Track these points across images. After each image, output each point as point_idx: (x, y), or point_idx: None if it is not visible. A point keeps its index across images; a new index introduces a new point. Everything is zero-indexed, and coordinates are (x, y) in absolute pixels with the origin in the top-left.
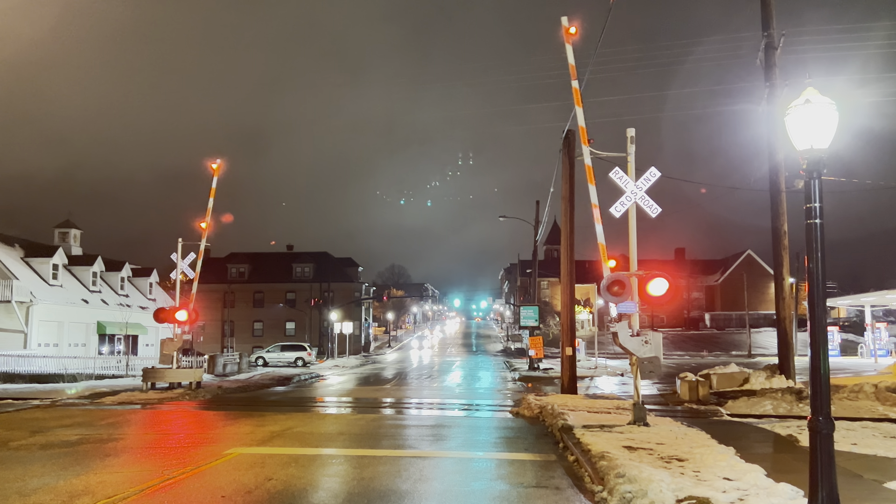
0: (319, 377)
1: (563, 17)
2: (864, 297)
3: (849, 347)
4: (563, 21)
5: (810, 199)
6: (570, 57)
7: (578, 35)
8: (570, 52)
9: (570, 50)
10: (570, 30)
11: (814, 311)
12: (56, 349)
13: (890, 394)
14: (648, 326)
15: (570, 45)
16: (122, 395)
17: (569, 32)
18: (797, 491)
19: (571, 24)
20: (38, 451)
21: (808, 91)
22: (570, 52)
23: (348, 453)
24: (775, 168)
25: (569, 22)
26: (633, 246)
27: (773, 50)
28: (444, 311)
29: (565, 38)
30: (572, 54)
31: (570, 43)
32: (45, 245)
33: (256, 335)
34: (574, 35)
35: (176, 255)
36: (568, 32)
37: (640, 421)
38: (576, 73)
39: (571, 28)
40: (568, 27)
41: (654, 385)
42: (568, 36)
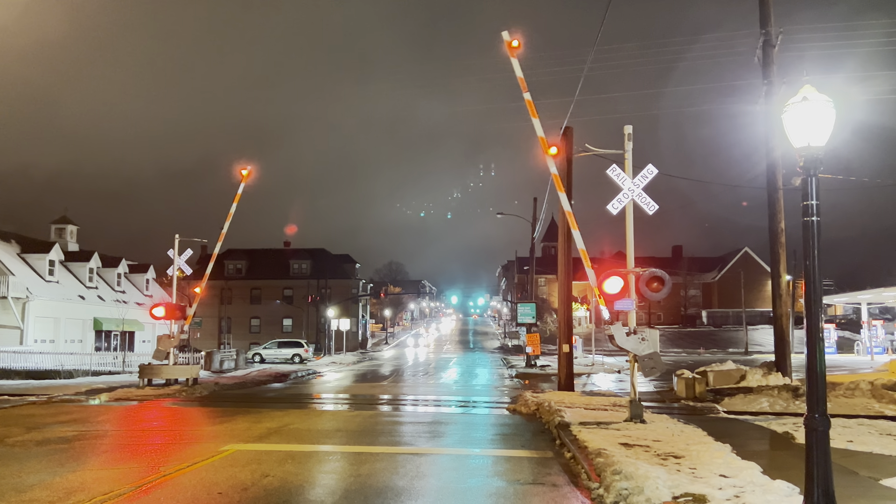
0: (316, 374)
1: (504, 32)
2: (861, 294)
3: (845, 345)
4: (504, 35)
5: (807, 196)
6: (518, 70)
7: (522, 48)
8: (517, 65)
9: (516, 64)
10: (512, 43)
11: (810, 309)
12: (52, 345)
13: (886, 391)
14: (645, 323)
15: (516, 59)
16: (118, 392)
17: (511, 46)
18: (793, 488)
19: (513, 37)
20: (35, 447)
21: (805, 88)
22: (517, 65)
23: (345, 450)
24: (773, 166)
25: (510, 35)
26: (630, 243)
27: (771, 47)
28: (442, 309)
29: (509, 53)
30: (519, 67)
31: (516, 56)
32: (42, 241)
33: (253, 332)
34: (518, 48)
35: (173, 251)
36: (511, 46)
37: (637, 418)
38: (526, 85)
39: (514, 42)
40: (510, 41)
41: (650, 382)
42: (511, 50)
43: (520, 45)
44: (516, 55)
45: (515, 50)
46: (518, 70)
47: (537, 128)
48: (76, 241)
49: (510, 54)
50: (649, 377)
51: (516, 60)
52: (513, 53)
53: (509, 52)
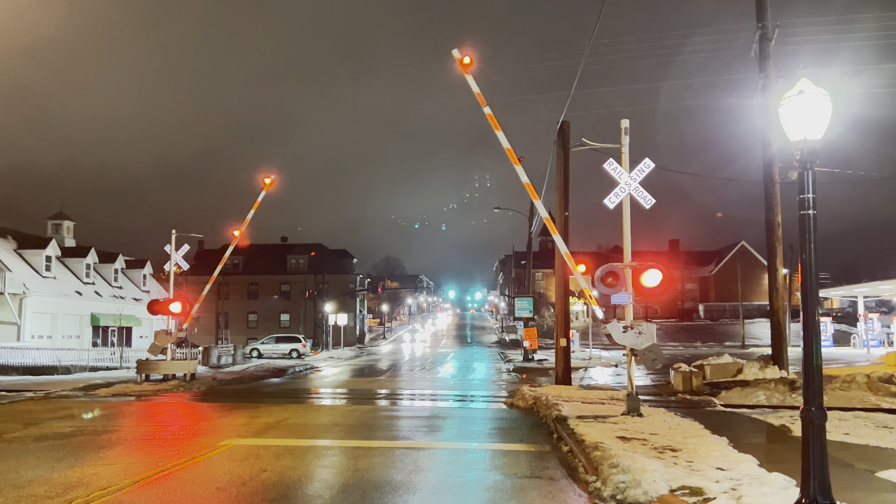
0: (314, 369)
1: (454, 50)
2: (857, 287)
3: (842, 338)
4: (455, 53)
5: (804, 189)
6: (474, 86)
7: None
8: (472, 81)
9: (471, 80)
10: (463, 60)
11: (806, 302)
12: (50, 341)
13: (882, 384)
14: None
15: (470, 75)
16: (116, 387)
17: (463, 63)
18: (789, 480)
19: (464, 54)
20: (32, 443)
21: (801, 82)
22: (472, 81)
23: (343, 444)
24: (769, 159)
25: (461, 53)
26: (626, 237)
27: (768, 41)
28: (439, 303)
29: (462, 70)
30: (475, 83)
31: (470, 73)
32: (39, 237)
33: (251, 327)
34: (470, 65)
35: (170, 246)
36: (463, 63)
37: (634, 411)
38: (484, 100)
39: (465, 58)
40: (461, 58)
41: (647, 376)
42: (464, 67)
43: (472, 61)
44: (470, 71)
45: (469, 66)
46: (474, 86)
47: (502, 140)
48: (73, 237)
49: (464, 71)
50: (652, 369)
51: (471, 77)
52: (466, 70)
53: (462, 70)
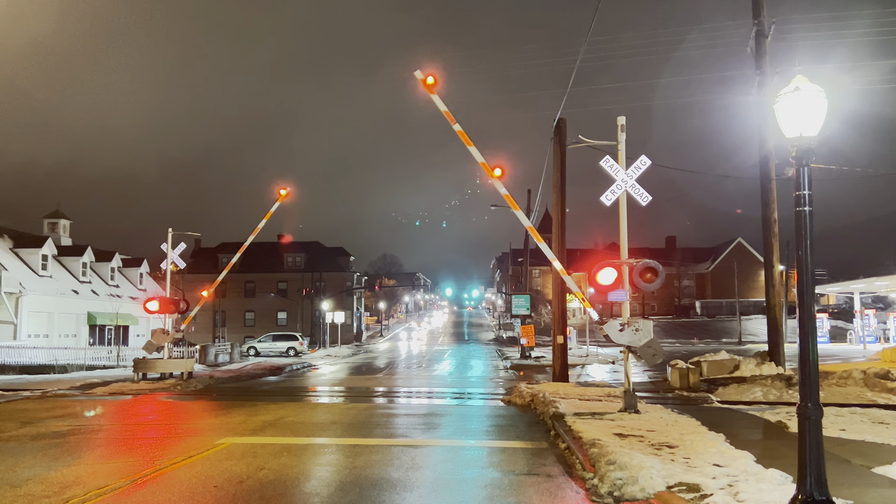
0: (311, 367)
1: (417, 72)
2: (854, 284)
3: (838, 334)
4: (417, 74)
5: (799, 186)
6: (441, 105)
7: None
8: (438, 101)
9: (437, 100)
10: (427, 80)
11: (802, 299)
12: (46, 340)
13: (878, 380)
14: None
15: (436, 95)
16: (113, 386)
17: (427, 83)
18: (786, 476)
19: (426, 74)
20: (29, 441)
21: (797, 79)
22: (438, 101)
23: (340, 442)
24: (765, 156)
25: (423, 73)
26: (623, 234)
27: (764, 38)
28: (436, 301)
29: (427, 90)
30: (441, 102)
31: (435, 93)
32: (35, 235)
33: (248, 325)
34: (435, 84)
35: (166, 244)
36: (426, 84)
37: (631, 408)
38: (453, 117)
39: (428, 79)
40: (424, 79)
41: (644, 373)
42: (428, 87)
43: (436, 80)
44: (435, 91)
45: (433, 87)
46: (441, 105)
47: (475, 155)
48: (69, 236)
49: (429, 91)
50: (652, 364)
51: (436, 96)
52: (431, 90)
53: (427, 90)
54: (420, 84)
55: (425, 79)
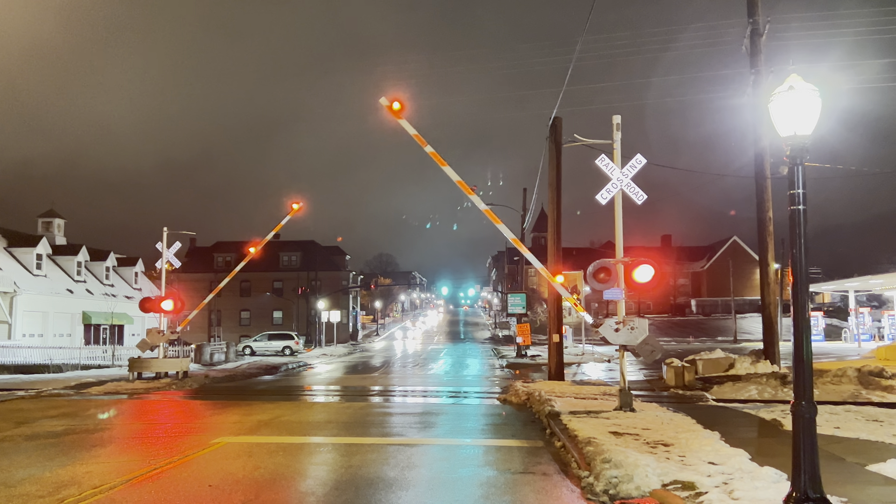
0: (307, 366)
1: (382, 98)
2: (848, 282)
3: (833, 332)
4: (382, 101)
5: (794, 185)
6: (410, 129)
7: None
8: (407, 125)
9: (405, 124)
10: (393, 106)
11: (797, 297)
12: (41, 340)
13: (873, 378)
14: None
15: (403, 119)
16: (108, 385)
17: (393, 110)
18: (780, 474)
19: (391, 100)
20: (24, 441)
21: (791, 78)
22: (407, 125)
23: (336, 441)
24: (760, 155)
25: (388, 100)
26: (619, 233)
27: (759, 37)
28: (432, 300)
29: (395, 116)
30: (409, 126)
31: (402, 117)
32: (29, 235)
33: (244, 324)
34: (402, 109)
35: (161, 244)
36: (392, 110)
37: (627, 406)
38: (423, 140)
39: (394, 104)
40: (390, 105)
41: (640, 371)
42: (395, 113)
43: (402, 105)
44: (402, 116)
45: (400, 111)
46: (410, 129)
47: (451, 174)
48: (63, 235)
49: (396, 117)
50: (651, 360)
51: (405, 121)
52: (398, 115)
53: (394, 116)
54: (386, 111)
55: (391, 105)
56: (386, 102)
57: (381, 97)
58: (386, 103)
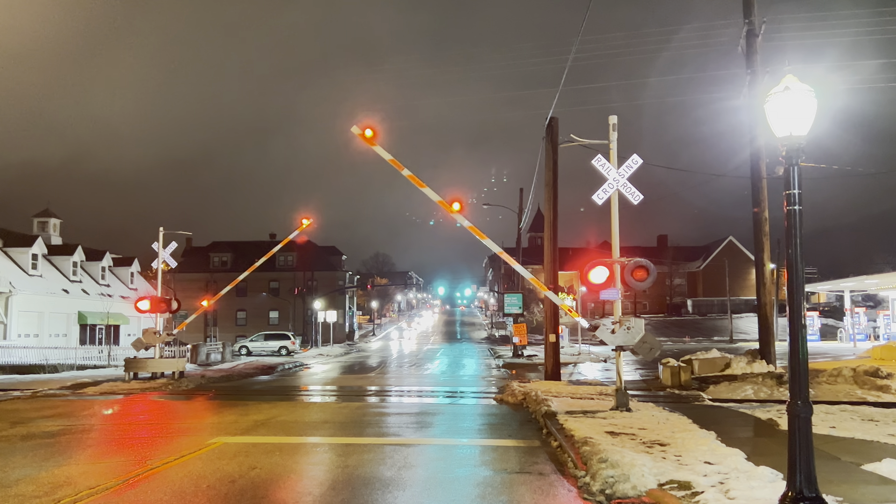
0: (303, 366)
1: (353, 127)
2: (844, 282)
3: (828, 332)
4: (354, 130)
5: (790, 185)
6: (385, 155)
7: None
8: (381, 151)
9: (380, 150)
10: (365, 134)
11: (792, 297)
12: (37, 340)
13: (868, 377)
14: (631, 313)
15: (377, 146)
16: (104, 386)
17: (366, 137)
18: (776, 474)
19: (363, 127)
20: (19, 442)
21: (787, 78)
22: (381, 151)
23: (333, 441)
24: (756, 155)
25: (360, 128)
26: (615, 233)
27: (755, 37)
28: (429, 300)
29: (368, 143)
30: (384, 152)
31: (376, 144)
32: (25, 235)
33: (240, 324)
34: (374, 136)
35: (157, 243)
36: (365, 137)
37: (623, 406)
38: (400, 164)
39: (366, 131)
40: (362, 132)
41: (636, 371)
42: (368, 140)
43: (375, 132)
44: (376, 142)
45: (373, 139)
46: (385, 154)
47: (431, 195)
48: (59, 235)
49: (369, 144)
50: (650, 358)
51: (379, 147)
52: (372, 142)
53: (367, 143)
54: (359, 139)
55: (363, 132)
56: (358, 131)
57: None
58: (358, 131)
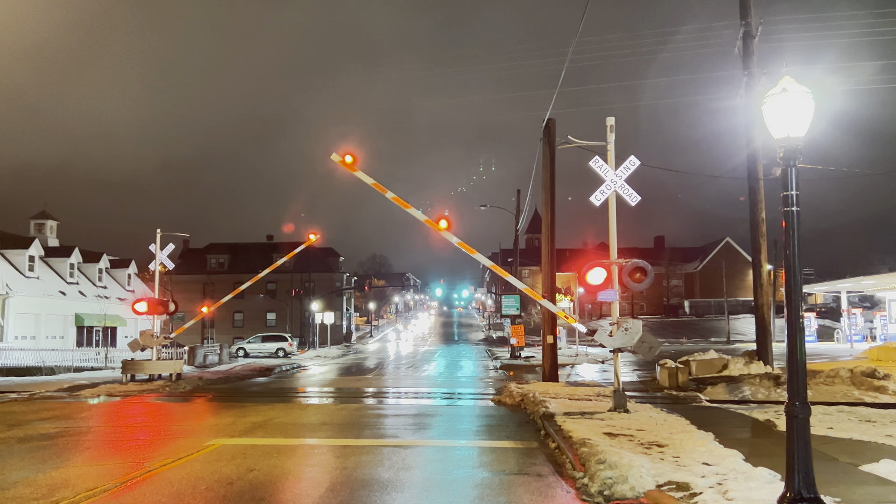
0: (301, 368)
1: (333, 155)
2: (841, 283)
3: (825, 333)
4: (334, 157)
5: (787, 187)
6: (367, 179)
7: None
8: (363, 176)
9: (362, 175)
10: (345, 160)
11: (790, 298)
12: (33, 342)
13: (865, 378)
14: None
15: (358, 171)
16: (101, 388)
17: (346, 163)
18: (774, 475)
19: (343, 154)
20: (17, 444)
21: (784, 80)
22: (363, 176)
23: (330, 443)
24: (753, 156)
25: (339, 155)
26: (612, 234)
27: (751, 38)
28: (426, 301)
29: (349, 169)
30: (366, 177)
31: (357, 169)
32: (21, 236)
33: (237, 326)
34: (354, 161)
35: (154, 245)
36: (346, 164)
37: (621, 408)
38: (383, 187)
39: (346, 157)
40: (342, 159)
41: (634, 372)
42: (349, 166)
43: (355, 158)
44: (357, 167)
45: (353, 164)
46: (367, 179)
47: (417, 215)
48: (56, 237)
49: (350, 170)
50: (650, 357)
51: (360, 172)
52: (353, 168)
53: (348, 169)
54: (340, 166)
55: (343, 159)
56: (338, 158)
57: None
58: (338, 159)
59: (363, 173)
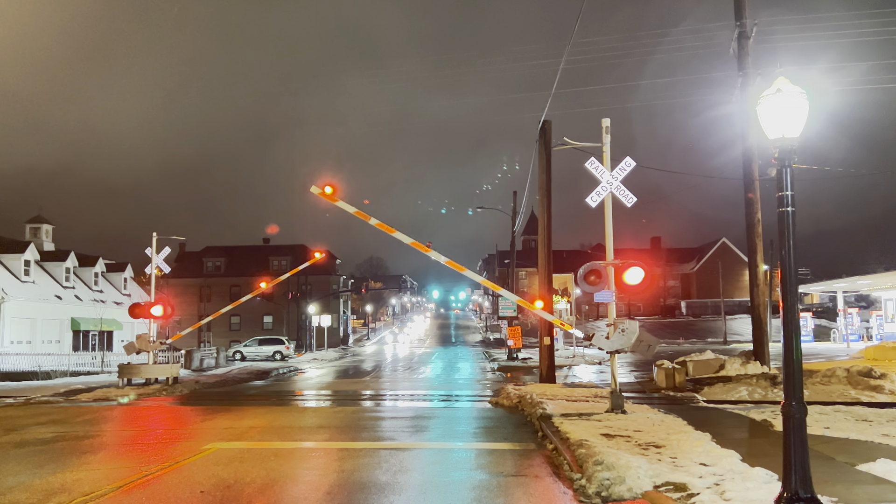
0: (298, 371)
1: (313, 187)
2: (837, 283)
3: (822, 333)
4: (314, 190)
5: (782, 187)
6: (349, 209)
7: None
8: (345, 205)
9: (343, 205)
10: (325, 191)
11: (786, 298)
12: (29, 346)
13: (862, 378)
14: (625, 314)
15: (340, 201)
16: (97, 392)
17: (326, 194)
18: (771, 475)
19: (322, 185)
20: (13, 449)
21: (779, 80)
22: (345, 205)
23: (328, 446)
24: (748, 157)
25: (319, 187)
26: (608, 235)
27: (746, 39)
28: (423, 303)
29: (329, 200)
30: (348, 206)
31: (338, 199)
32: (17, 241)
33: (234, 329)
34: (335, 192)
35: (150, 249)
36: (326, 195)
37: (618, 408)
38: (366, 215)
39: (326, 188)
40: (322, 191)
41: (631, 373)
42: (329, 197)
43: (335, 189)
44: (338, 198)
45: (334, 195)
46: (349, 208)
47: (403, 238)
48: (52, 241)
49: (331, 201)
50: (649, 356)
51: (342, 202)
52: (333, 199)
53: (329, 200)
54: (320, 197)
55: (322, 191)
56: (318, 190)
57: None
58: (318, 191)
59: (344, 202)
